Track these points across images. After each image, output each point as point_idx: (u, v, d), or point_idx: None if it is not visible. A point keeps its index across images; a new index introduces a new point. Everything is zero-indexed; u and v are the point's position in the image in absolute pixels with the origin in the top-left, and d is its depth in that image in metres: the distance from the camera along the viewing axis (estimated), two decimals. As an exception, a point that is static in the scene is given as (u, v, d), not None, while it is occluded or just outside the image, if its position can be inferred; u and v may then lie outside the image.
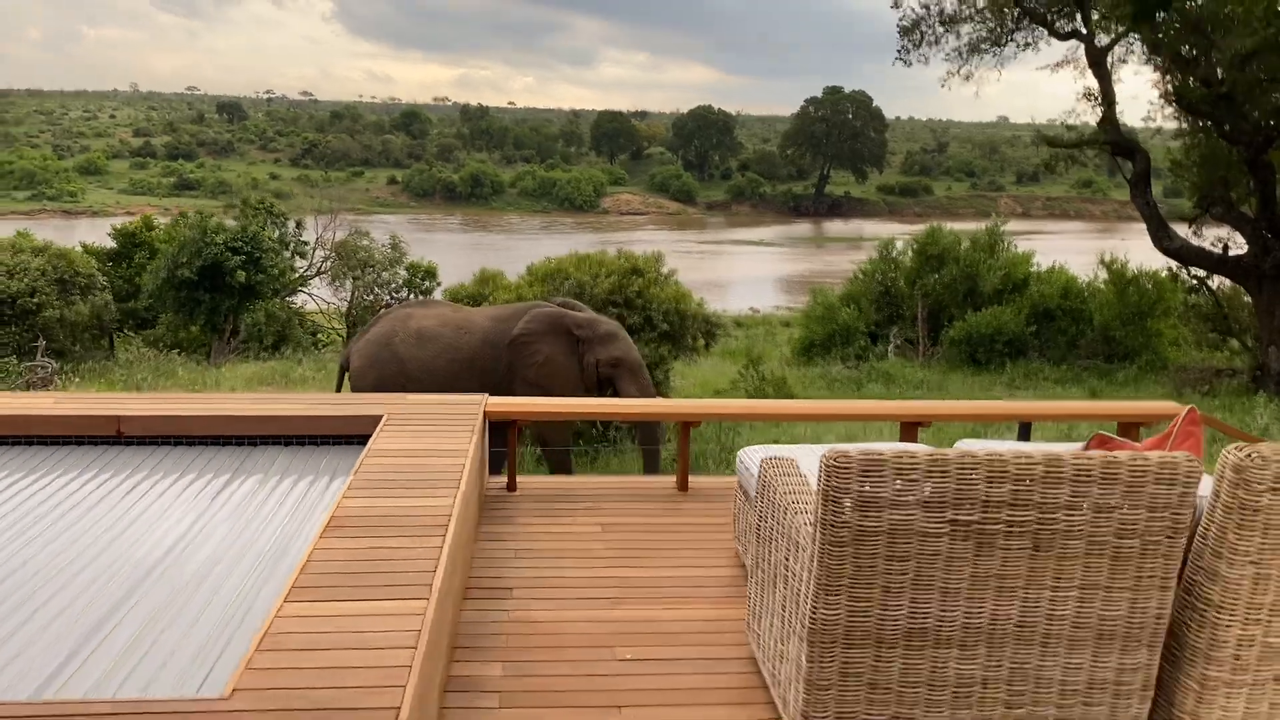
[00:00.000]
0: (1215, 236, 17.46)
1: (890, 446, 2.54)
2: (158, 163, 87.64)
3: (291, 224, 21.30)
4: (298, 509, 3.53)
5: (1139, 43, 16.39)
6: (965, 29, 19.74)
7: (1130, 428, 4.71)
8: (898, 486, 2.35)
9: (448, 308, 8.46)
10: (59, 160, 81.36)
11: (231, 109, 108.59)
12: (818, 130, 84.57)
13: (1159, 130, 17.94)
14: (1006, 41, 19.79)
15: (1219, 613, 2.50)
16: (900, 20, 20.21)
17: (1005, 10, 19.19)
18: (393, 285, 22.29)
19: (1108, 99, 17.81)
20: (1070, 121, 17.96)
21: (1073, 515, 2.41)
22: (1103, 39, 17.67)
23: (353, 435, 4.07)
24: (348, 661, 2.28)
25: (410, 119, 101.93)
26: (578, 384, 7.85)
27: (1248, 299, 17.45)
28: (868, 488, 2.35)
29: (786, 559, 2.71)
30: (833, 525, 2.38)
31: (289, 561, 3.06)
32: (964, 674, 2.52)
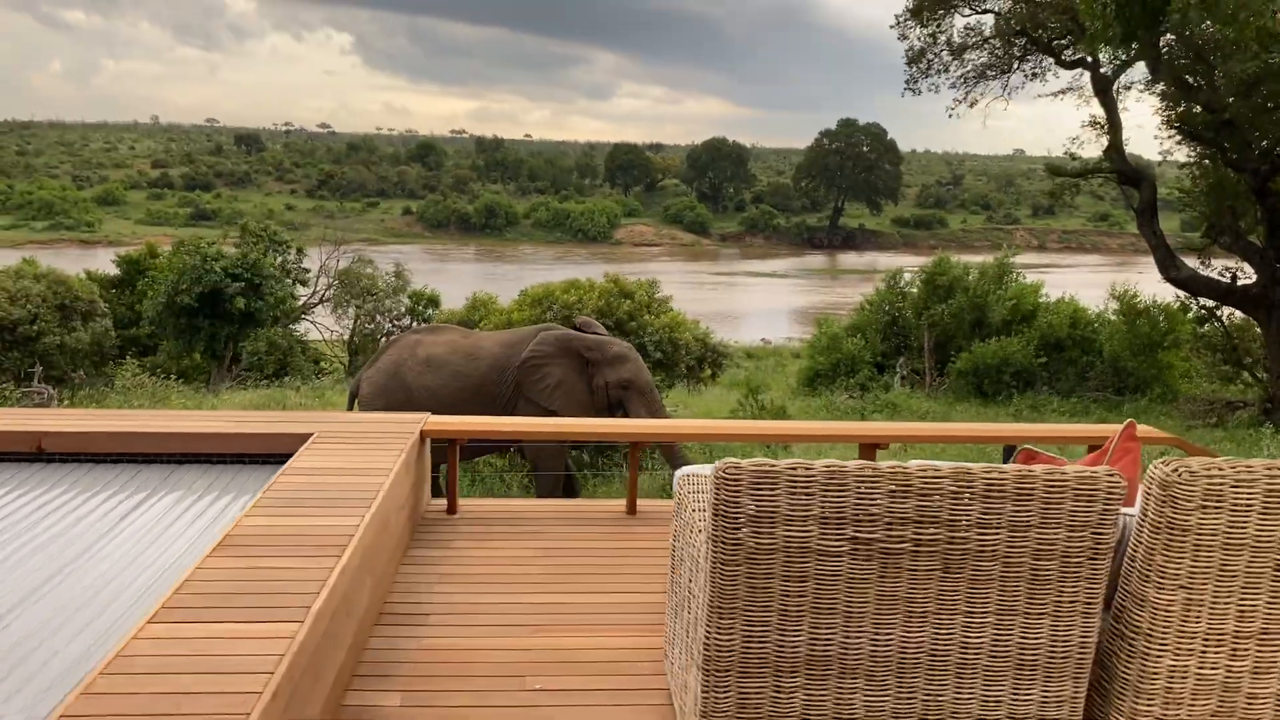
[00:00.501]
0: (1224, 266, 17.21)
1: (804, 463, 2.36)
2: (175, 193, 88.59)
3: (293, 251, 21.32)
4: (207, 529, 3.37)
5: (1145, 70, 16.27)
6: (971, 56, 19.67)
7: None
8: (793, 501, 2.18)
9: (457, 334, 8.41)
10: (78, 190, 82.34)
11: (249, 141, 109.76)
12: (831, 162, 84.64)
13: (1164, 159, 17.77)
14: (1014, 69, 19.71)
15: (1149, 642, 2.30)
16: (907, 50, 20.17)
17: (1013, 40, 19.13)
18: (395, 313, 22.24)
19: (1114, 127, 17.66)
20: (1075, 150, 17.81)
21: (985, 534, 2.23)
22: (1108, 67, 17.56)
23: (279, 454, 3.92)
24: (194, 687, 2.11)
25: (426, 150, 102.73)
26: (588, 406, 7.79)
27: (1259, 330, 17.16)
28: (761, 502, 2.18)
29: (689, 581, 2.54)
30: (724, 542, 2.21)
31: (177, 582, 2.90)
32: (873, 706, 2.33)
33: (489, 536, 4.15)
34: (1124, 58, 12.86)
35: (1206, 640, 2.30)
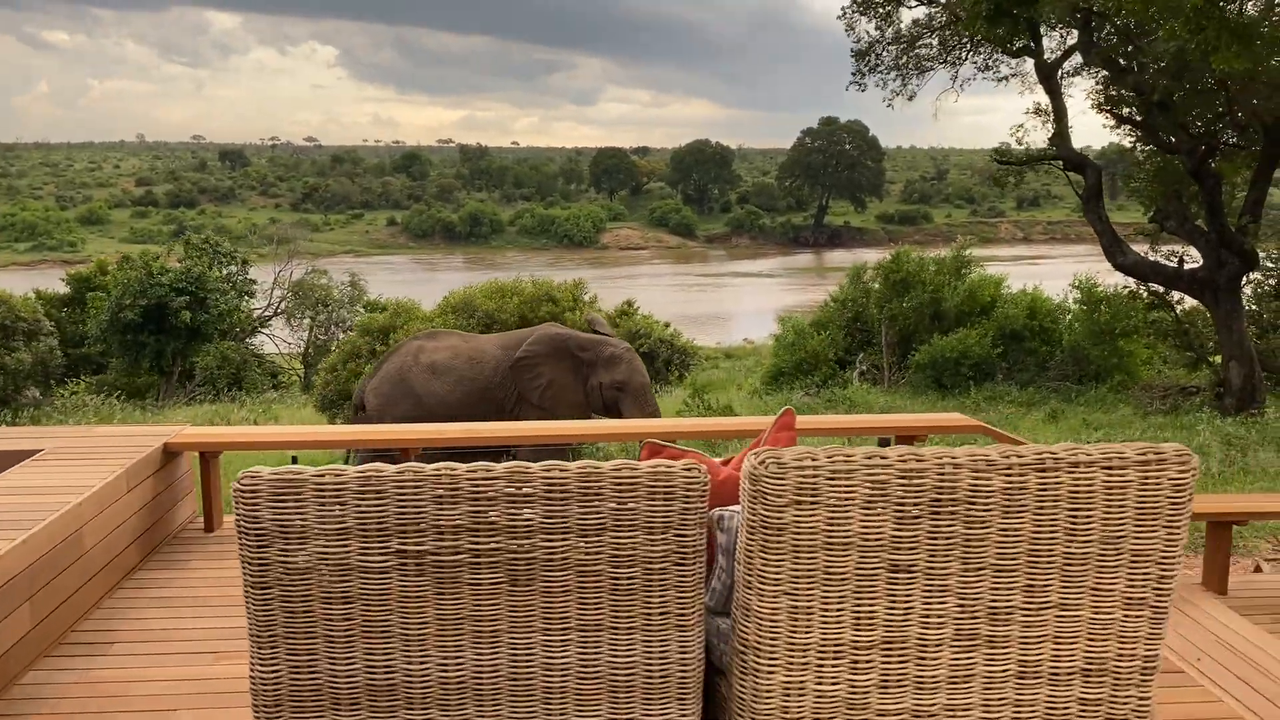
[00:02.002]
0: (1170, 251, 16.96)
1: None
2: (159, 211, 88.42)
3: (239, 263, 21.08)
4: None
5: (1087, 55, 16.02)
6: (919, 49, 19.42)
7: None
8: (323, 512, 1.93)
9: (458, 338, 8.36)
10: (61, 211, 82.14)
11: (234, 156, 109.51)
12: (814, 161, 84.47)
13: (1129, 145, 17.51)
14: (964, 60, 19.47)
15: (758, 656, 2.05)
16: (855, 45, 19.92)
17: (961, 30, 18.88)
18: (348, 324, 21.98)
19: (1059, 114, 17.42)
20: (1020, 137, 17.55)
21: (552, 540, 1.98)
22: (1051, 54, 17.33)
23: (-4, 471, 3.66)
24: None
25: (410, 161, 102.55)
26: (582, 407, 7.73)
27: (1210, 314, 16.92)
28: (284, 515, 1.93)
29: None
30: (250, 563, 1.96)
31: None
32: (453, 739, 2.07)
33: (235, 555, 3.90)
34: (1001, 36, 12.57)
35: (822, 652, 2.05)
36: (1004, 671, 2.11)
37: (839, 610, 2.04)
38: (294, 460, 6.16)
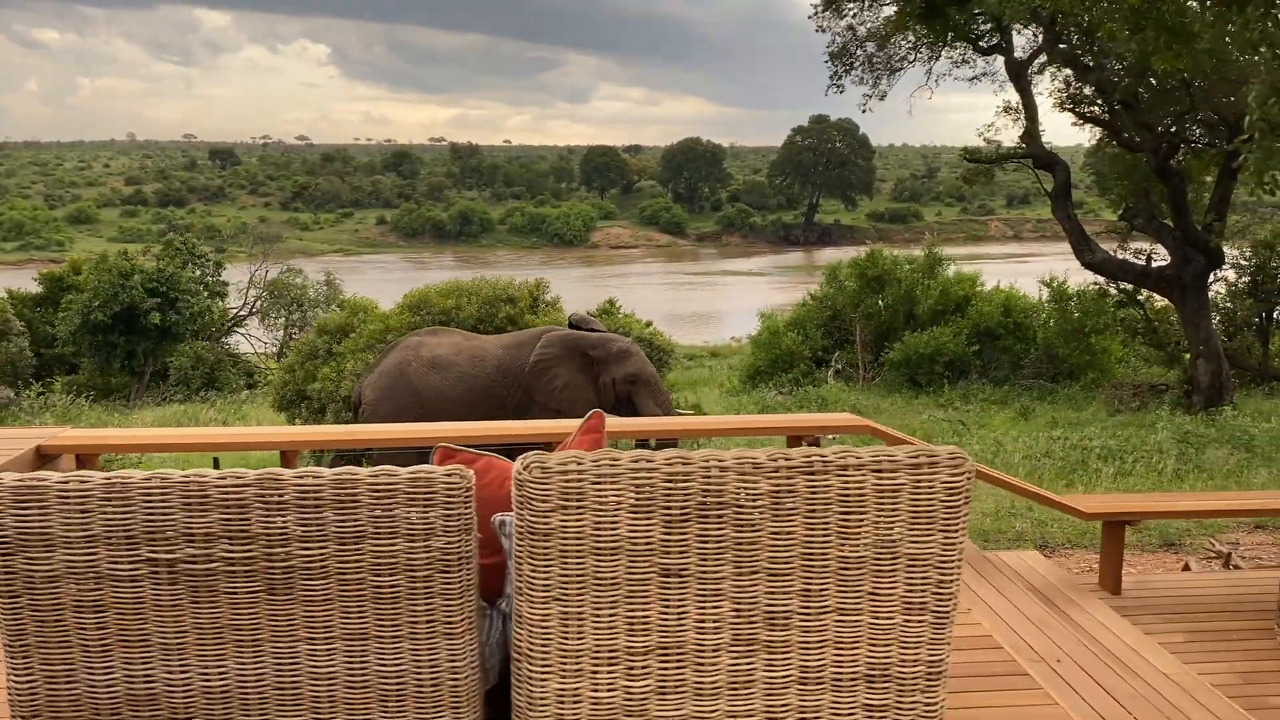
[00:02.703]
0: (1136, 249, 16.99)
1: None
2: (148, 210, 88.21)
3: (212, 264, 21.03)
4: None
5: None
6: (892, 47, 19.33)
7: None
8: (68, 520, 1.89)
9: (459, 335, 8.38)
10: (49, 210, 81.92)
11: (224, 155, 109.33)
12: (805, 159, 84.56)
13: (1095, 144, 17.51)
14: (938, 57, 19.41)
15: (531, 664, 2.02)
16: (828, 46, 19.82)
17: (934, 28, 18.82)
18: (323, 323, 21.92)
19: (1029, 112, 17.41)
20: (990, 136, 17.56)
21: (309, 548, 1.94)
22: (1021, 52, 17.31)
23: None
24: None
25: (401, 159, 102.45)
26: (595, 405, 7.64)
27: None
28: (26, 524, 1.89)
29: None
30: (2, 573, 1.92)
31: None
32: (220, 749, 2.04)
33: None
34: (932, 36, 12.55)
35: (596, 658, 2.02)
36: (785, 677, 2.09)
37: (611, 616, 2.01)
38: (216, 464, 6.12)
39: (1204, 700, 3.22)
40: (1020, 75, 17.46)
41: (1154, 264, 16.55)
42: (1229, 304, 19.54)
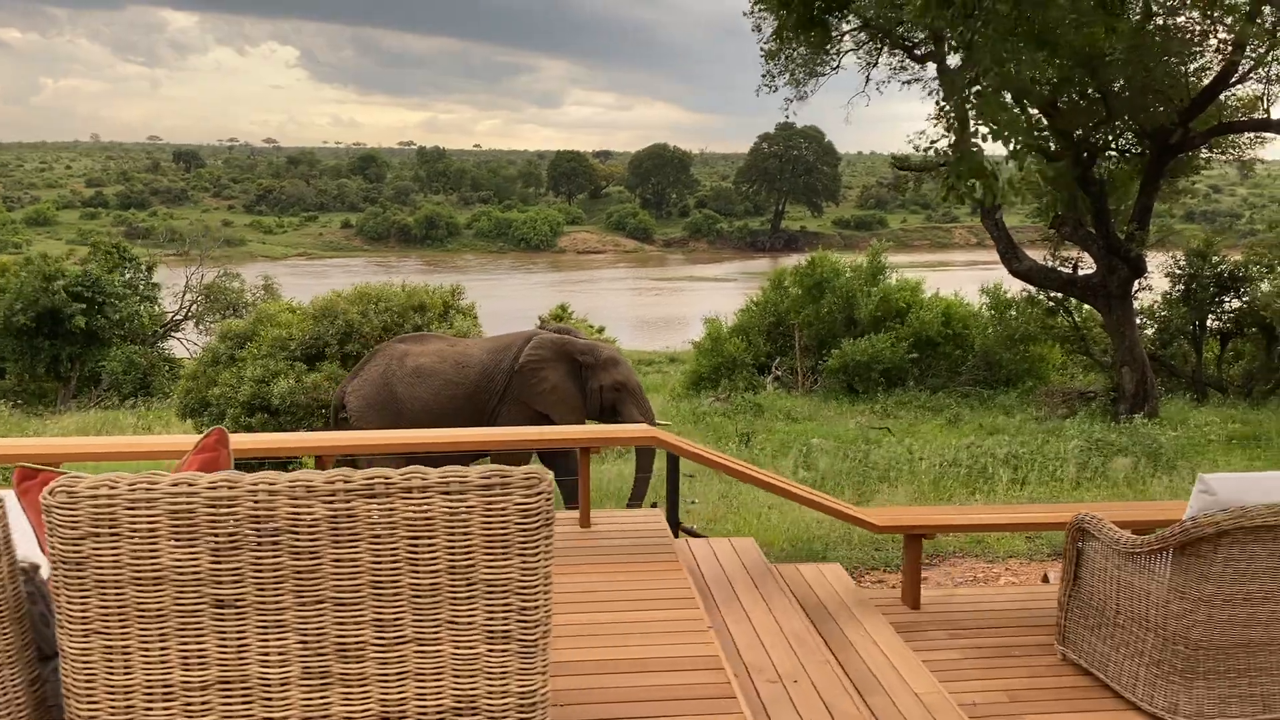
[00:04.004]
0: (1064, 258, 17.07)
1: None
2: (109, 212, 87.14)
3: (142, 267, 20.70)
4: None
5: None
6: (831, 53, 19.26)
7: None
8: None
9: (443, 342, 8.37)
10: (7, 212, 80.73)
11: (188, 157, 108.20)
12: (771, 166, 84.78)
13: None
14: (875, 63, 19.40)
15: (78, 701, 1.89)
16: (763, 45, 19.78)
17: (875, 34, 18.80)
18: (259, 328, 21.62)
19: (962, 120, 17.43)
20: (919, 143, 17.56)
21: None
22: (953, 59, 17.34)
23: None
24: None
25: (367, 163, 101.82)
26: (581, 410, 7.84)
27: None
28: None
29: None
30: None
31: None
32: None
33: None
34: (810, 43, 12.50)
35: (149, 694, 1.90)
36: (365, 712, 1.97)
37: (162, 649, 1.89)
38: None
39: (944, 722, 3.14)
40: (953, 83, 17.51)
41: (1081, 272, 16.63)
42: (1165, 312, 19.71)
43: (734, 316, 25.26)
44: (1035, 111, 15.02)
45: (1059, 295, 17.73)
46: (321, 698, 1.95)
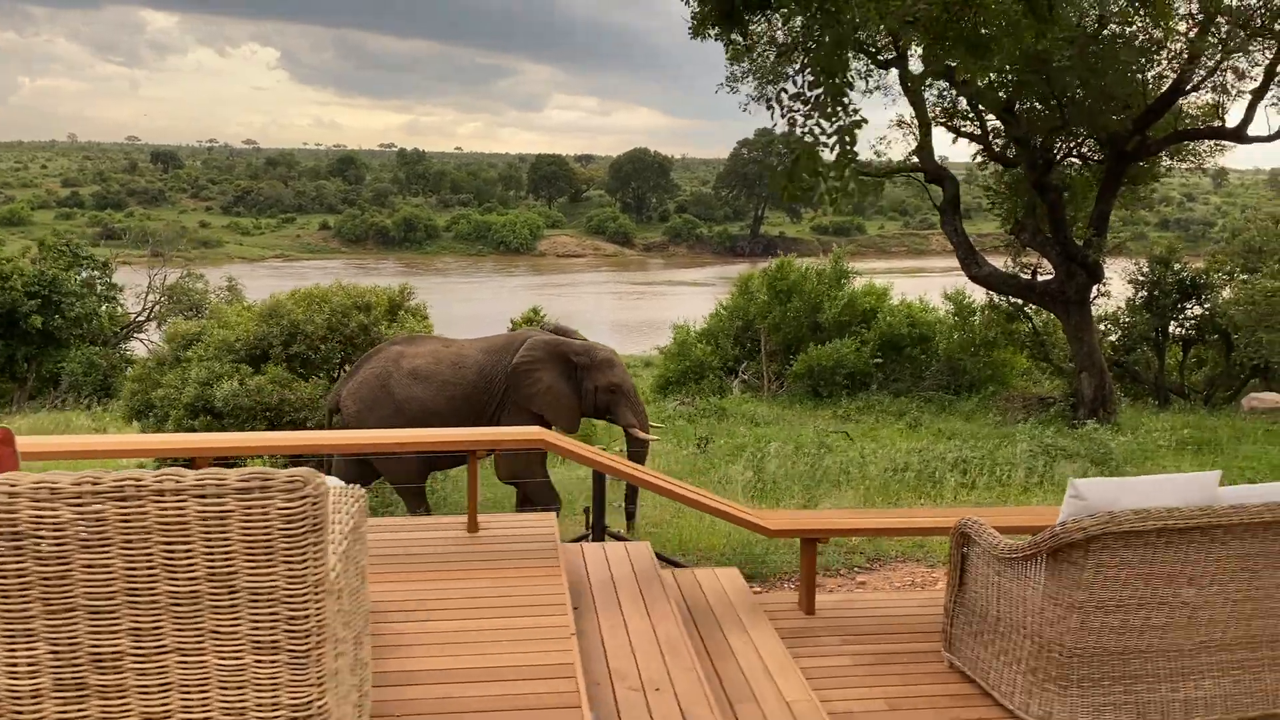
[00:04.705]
0: (1023, 264, 17.10)
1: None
2: (85, 213, 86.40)
3: (100, 266, 20.45)
4: None
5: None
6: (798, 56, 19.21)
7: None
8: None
9: (439, 343, 8.34)
10: (-20, 211, 79.98)
11: (166, 158, 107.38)
12: (750, 171, 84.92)
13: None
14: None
15: None
16: (729, 46, 19.71)
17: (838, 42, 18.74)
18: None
19: (923, 126, 17.46)
20: (881, 149, 17.59)
21: None
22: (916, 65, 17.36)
23: None
24: None
25: (346, 164, 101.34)
26: (576, 410, 7.86)
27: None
28: None
29: None
30: None
31: None
32: None
33: None
34: (739, 43, 12.45)
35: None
36: (127, 725, 1.88)
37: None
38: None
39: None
40: (915, 89, 17.54)
41: (1040, 278, 16.66)
42: (1128, 319, 19.79)
43: (704, 321, 25.24)
44: (992, 117, 15.08)
45: (1019, 301, 17.76)
46: (79, 710, 1.85)
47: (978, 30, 7.09)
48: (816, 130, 4.56)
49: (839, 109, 4.56)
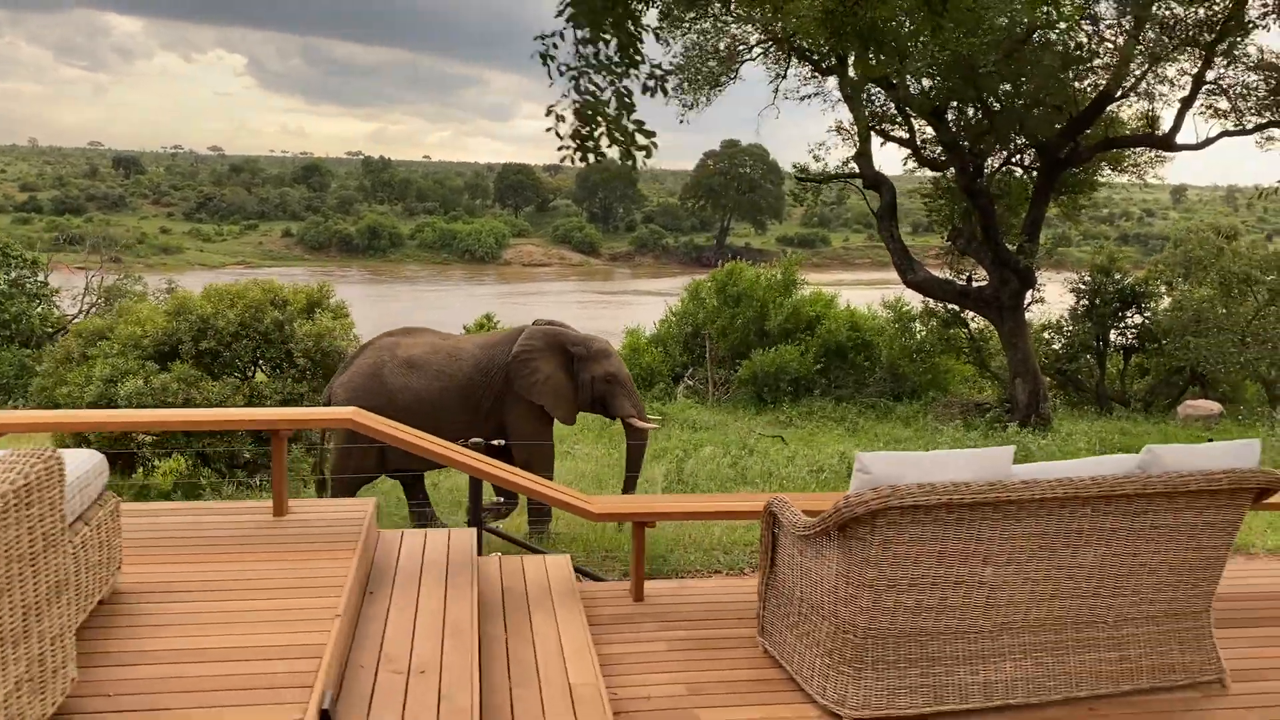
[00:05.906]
0: (960, 270, 17.15)
1: None
2: (43, 218, 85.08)
3: (30, 265, 20.01)
4: None
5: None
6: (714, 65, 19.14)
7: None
8: None
9: (435, 335, 8.38)
10: (-67, 216, 78.53)
11: (128, 163, 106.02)
12: (715, 183, 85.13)
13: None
14: (784, 76, 19.38)
15: None
16: (671, 59, 19.66)
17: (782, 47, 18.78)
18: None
19: (862, 133, 17.49)
20: (819, 154, 17.58)
21: None
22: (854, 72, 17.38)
23: None
24: None
25: (311, 172, 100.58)
26: (573, 400, 7.97)
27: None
28: None
29: None
30: None
31: None
32: None
33: None
34: (606, 41, 12.41)
35: None
36: None
37: None
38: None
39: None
40: (853, 95, 17.56)
41: (975, 284, 16.71)
42: (1071, 327, 19.91)
43: (654, 326, 25.15)
44: (921, 121, 15.10)
45: (955, 307, 17.81)
46: None
47: (874, 23, 7.04)
48: (593, 87, 4.42)
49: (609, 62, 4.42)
